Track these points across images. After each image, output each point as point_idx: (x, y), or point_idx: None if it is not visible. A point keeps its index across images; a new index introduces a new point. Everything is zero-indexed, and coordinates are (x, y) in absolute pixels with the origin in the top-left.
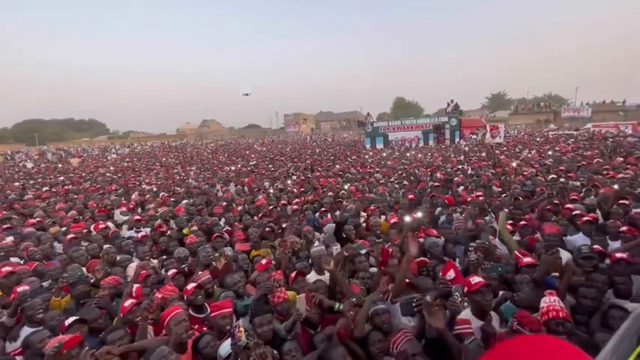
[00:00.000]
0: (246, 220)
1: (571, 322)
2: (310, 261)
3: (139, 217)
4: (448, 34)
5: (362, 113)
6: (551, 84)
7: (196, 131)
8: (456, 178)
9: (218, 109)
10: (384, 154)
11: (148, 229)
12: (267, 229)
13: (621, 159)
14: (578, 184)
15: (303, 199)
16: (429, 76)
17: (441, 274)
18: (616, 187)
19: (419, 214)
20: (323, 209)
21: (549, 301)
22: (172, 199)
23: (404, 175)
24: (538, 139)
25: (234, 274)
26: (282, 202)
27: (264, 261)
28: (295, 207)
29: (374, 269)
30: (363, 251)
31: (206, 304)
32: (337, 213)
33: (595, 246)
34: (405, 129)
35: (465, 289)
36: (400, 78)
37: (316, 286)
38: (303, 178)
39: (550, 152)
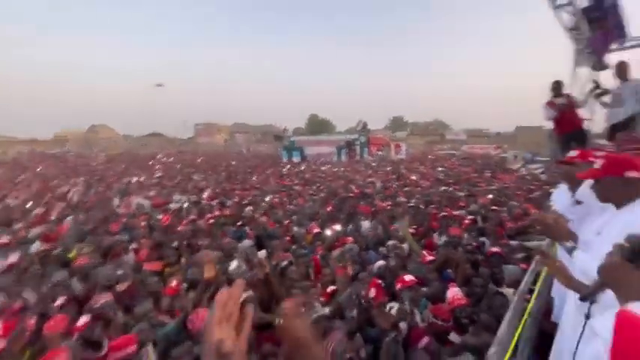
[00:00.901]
0: (158, 237)
1: (470, 307)
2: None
3: (5, 241)
4: (359, 60)
5: (277, 127)
6: (438, 112)
7: (82, 137)
8: (368, 190)
9: (110, 113)
10: (302, 167)
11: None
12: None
13: (489, 174)
14: (462, 194)
15: (219, 213)
16: (341, 96)
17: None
18: (490, 196)
19: (338, 227)
20: (240, 223)
21: (453, 292)
22: (53, 216)
23: (322, 187)
24: (430, 156)
25: (144, 302)
26: (193, 216)
27: (173, 283)
28: (211, 221)
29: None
30: None
31: (105, 339)
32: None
33: (474, 243)
34: (320, 144)
35: (399, 285)
36: (314, 95)
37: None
38: (218, 190)
39: (440, 168)
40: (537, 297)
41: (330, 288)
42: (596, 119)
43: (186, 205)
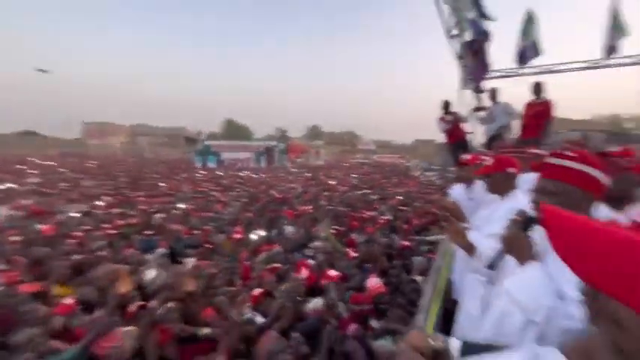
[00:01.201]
0: (38, 252)
1: (388, 295)
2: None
3: None
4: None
5: (189, 130)
6: (351, 122)
7: None
8: (289, 195)
9: None
10: (219, 173)
11: None
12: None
13: (396, 179)
14: (375, 197)
15: (123, 222)
16: (259, 102)
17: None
18: (400, 197)
19: (262, 232)
20: (149, 232)
21: (373, 281)
22: None
23: (242, 193)
24: (344, 164)
25: (25, 328)
26: (86, 227)
27: (68, 301)
28: (113, 232)
29: None
30: None
31: None
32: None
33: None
34: (238, 149)
35: (324, 280)
36: (229, 99)
37: (166, 315)
38: (121, 198)
39: (354, 175)
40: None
41: (257, 291)
42: (476, 132)
43: (74, 214)
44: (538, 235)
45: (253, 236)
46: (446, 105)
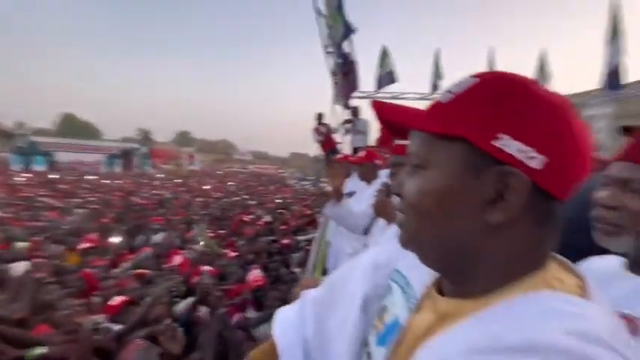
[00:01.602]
0: None
1: (268, 286)
2: None
3: None
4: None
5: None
6: (227, 132)
7: None
8: (157, 202)
9: None
10: (53, 177)
11: None
12: None
13: (273, 187)
14: (254, 202)
15: None
16: (111, 99)
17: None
18: (279, 200)
19: (118, 238)
20: None
21: (253, 274)
22: None
23: (89, 199)
24: (219, 172)
25: None
26: None
27: None
28: None
29: None
30: None
31: None
32: None
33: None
34: (82, 150)
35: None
36: (67, 87)
37: None
38: None
39: (231, 182)
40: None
41: (116, 299)
42: (345, 142)
43: None
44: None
45: (113, 242)
46: (319, 117)
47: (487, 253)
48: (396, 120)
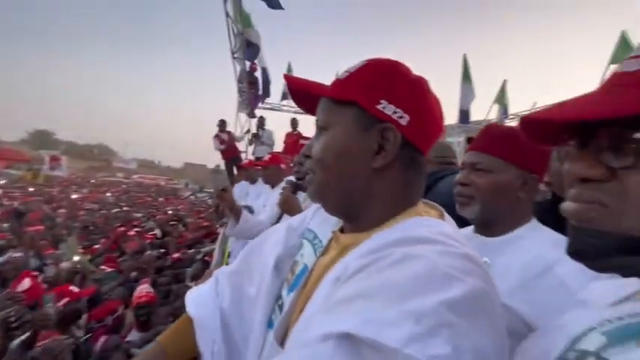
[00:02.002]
0: None
1: (158, 302)
2: None
3: None
4: None
5: None
6: (106, 135)
7: None
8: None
9: None
10: None
11: None
12: None
13: (162, 198)
14: (139, 215)
15: None
16: None
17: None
18: (170, 212)
19: None
20: None
21: (140, 289)
22: None
23: None
24: (92, 181)
25: None
26: None
27: None
28: None
29: None
30: None
31: None
32: None
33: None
34: None
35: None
36: None
37: None
38: None
39: (109, 193)
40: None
41: None
42: (248, 151)
43: None
44: (302, 195)
45: None
46: (222, 124)
47: (375, 193)
48: (304, 88)
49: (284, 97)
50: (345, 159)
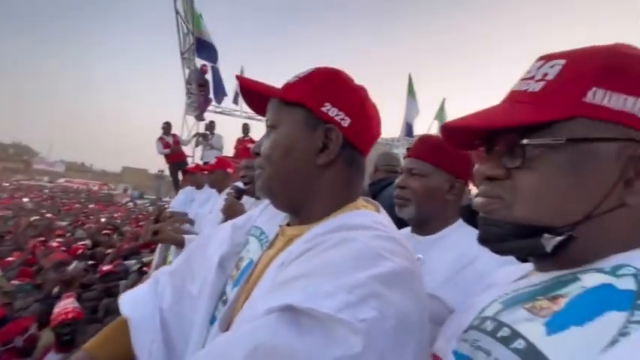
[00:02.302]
0: None
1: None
2: None
3: None
4: None
5: None
6: (21, 134)
7: None
8: None
9: None
10: None
11: None
12: None
13: (94, 205)
14: (64, 223)
15: None
16: None
17: None
18: (103, 220)
19: None
20: None
21: (62, 305)
22: None
23: None
24: (6, 184)
25: None
26: None
27: None
28: None
29: None
30: None
31: None
32: None
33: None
34: None
35: None
36: None
37: None
38: None
39: (26, 199)
40: None
41: None
42: (196, 156)
43: None
44: (248, 201)
45: None
46: (167, 126)
47: (319, 188)
48: (255, 89)
49: (235, 100)
50: (291, 155)
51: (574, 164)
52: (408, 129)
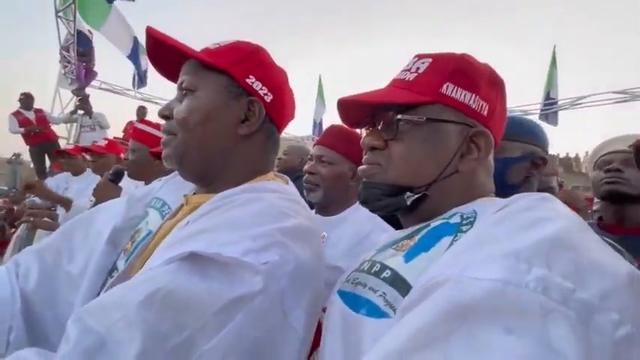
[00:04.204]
0: None
1: None
2: None
3: None
4: None
5: None
6: None
7: None
8: None
9: None
10: None
11: None
12: None
13: None
14: None
15: None
16: None
17: None
18: None
19: None
20: None
21: None
22: None
23: None
24: None
25: None
26: None
27: None
28: None
29: None
30: None
31: None
32: None
33: None
34: None
35: None
36: None
37: None
38: None
39: None
40: None
41: None
42: (70, 136)
43: None
44: (125, 184)
45: None
46: (26, 99)
47: (235, 158)
48: (170, 43)
49: (134, 82)
50: (212, 122)
51: (429, 138)
52: (319, 128)
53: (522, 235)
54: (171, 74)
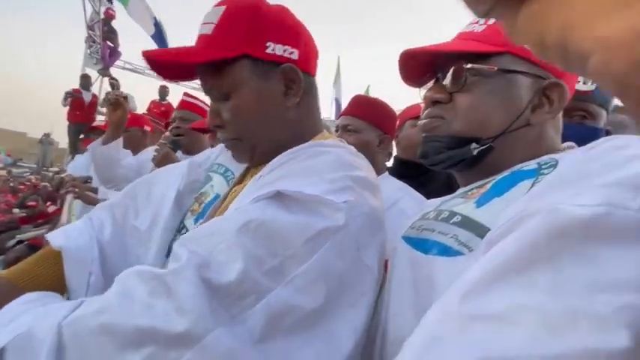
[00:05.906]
0: None
1: None
2: None
3: None
4: None
5: None
6: None
7: None
8: None
9: None
10: None
11: None
12: None
13: None
14: None
15: None
16: None
17: None
18: None
19: None
20: None
21: None
22: None
23: None
24: None
25: None
26: None
27: None
28: None
29: None
30: None
31: None
32: None
33: None
34: None
35: None
36: None
37: None
38: None
39: None
40: None
41: None
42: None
43: None
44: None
45: None
46: (85, 79)
47: (294, 126)
48: (171, 59)
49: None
50: (263, 113)
51: (499, 90)
52: (338, 110)
53: (620, 169)
54: (183, 74)
